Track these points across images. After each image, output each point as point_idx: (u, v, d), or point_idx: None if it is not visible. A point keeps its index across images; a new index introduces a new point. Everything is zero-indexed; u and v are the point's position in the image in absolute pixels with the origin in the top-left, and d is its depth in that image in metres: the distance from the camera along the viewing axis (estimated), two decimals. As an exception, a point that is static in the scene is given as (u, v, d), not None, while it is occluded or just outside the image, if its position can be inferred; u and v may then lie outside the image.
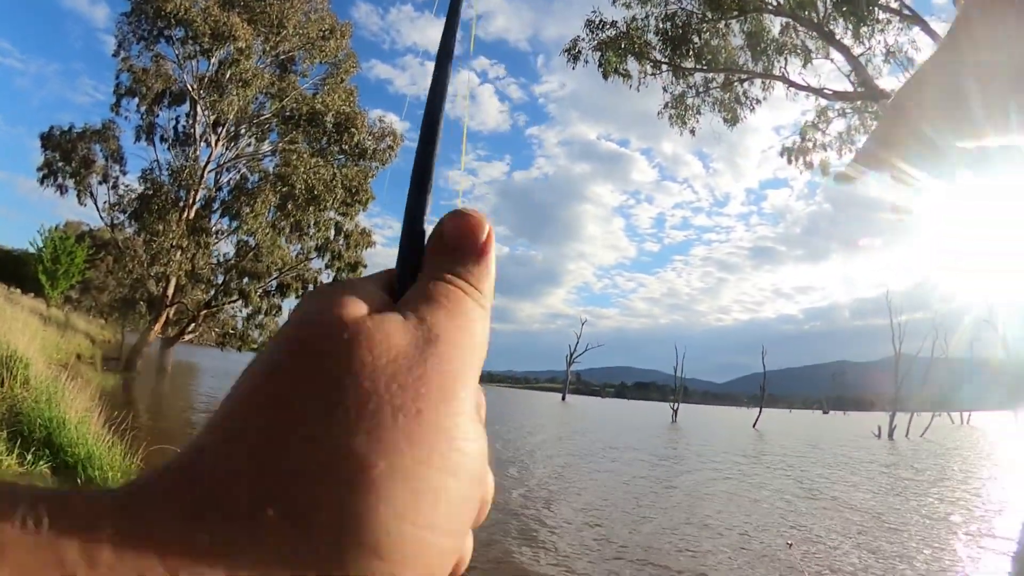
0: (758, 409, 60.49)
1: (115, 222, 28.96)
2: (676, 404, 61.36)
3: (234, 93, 27.04)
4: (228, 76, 26.98)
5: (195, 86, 28.20)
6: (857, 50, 15.12)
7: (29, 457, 6.66)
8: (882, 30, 15.08)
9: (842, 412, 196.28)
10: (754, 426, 52.96)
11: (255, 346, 32.34)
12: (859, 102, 15.99)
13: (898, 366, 55.50)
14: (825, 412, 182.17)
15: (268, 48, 28.49)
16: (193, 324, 30.29)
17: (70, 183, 28.17)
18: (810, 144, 17.70)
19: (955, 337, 57.05)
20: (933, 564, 9.44)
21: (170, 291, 27.96)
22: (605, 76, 16.61)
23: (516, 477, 14.61)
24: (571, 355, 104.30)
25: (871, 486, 18.06)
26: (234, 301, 29.65)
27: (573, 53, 16.89)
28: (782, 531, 10.58)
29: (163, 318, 28.10)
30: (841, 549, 9.93)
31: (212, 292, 29.61)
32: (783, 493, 15.45)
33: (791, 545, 4.44)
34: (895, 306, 55.29)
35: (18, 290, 37.69)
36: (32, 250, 35.90)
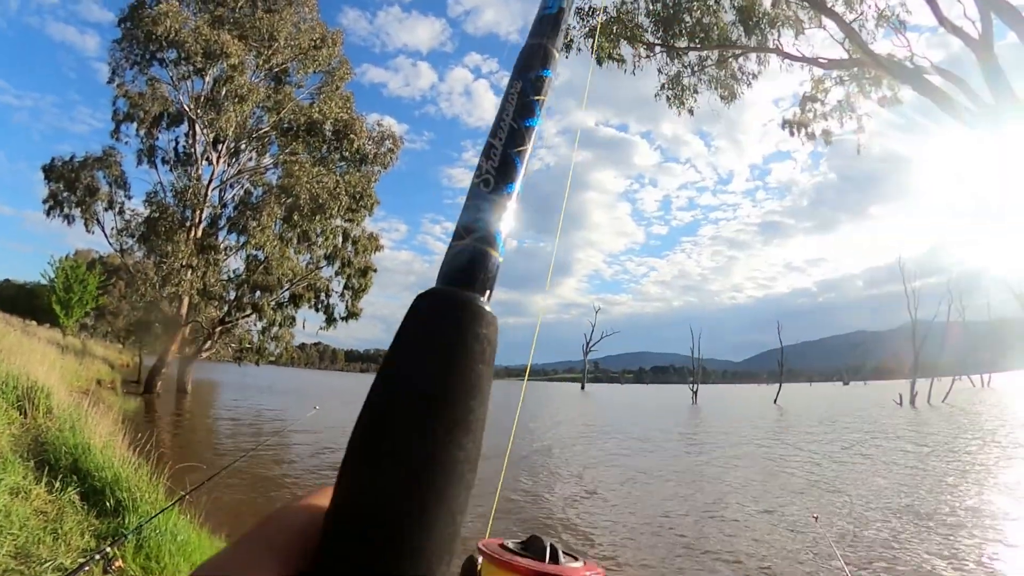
0: (778, 385, 60.31)
1: (124, 247, 29.13)
2: (695, 386, 61.23)
3: (231, 110, 27.13)
4: (224, 93, 27.04)
5: (192, 106, 28.32)
6: (849, 16, 15.00)
7: (57, 485, 6.70)
8: (873, -6, 14.95)
9: (862, 382, 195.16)
10: (775, 402, 52.80)
11: (272, 359, 32.55)
12: (855, 69, 15.89)
13: (915, 333, 55.19)
14: (845, 383, 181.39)
15: (261, 62, 28.57)
16: (209, 341, 30.40)
17: (76, 212, 28.32)
18: (810, 115, 17.61)
19: (971, 300, 56.73)
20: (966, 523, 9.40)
21: (184, 311, 28.11)
22: (599, 62, 16.52)
23: (548, 469, 14.63)
24: (587, 344, 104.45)
25: (897, 455, 17.97)
26: (248, 316, 29.71)
27: (565, 41, 16.77)
28: (808, 505, 10.56)
29: (179, 338, 28.25)
30: (869, 519, 9.89)
31: (225, 308, 29.68)
32: (807, 466, 15.41)
33: (816, 519, 4.43)
34: (908, 272, 55.02)
35: (34, 322, 37.98)
36: (44, 282, 36.18)
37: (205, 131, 28.53)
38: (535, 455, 16.86)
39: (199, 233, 27.69)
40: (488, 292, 0.32)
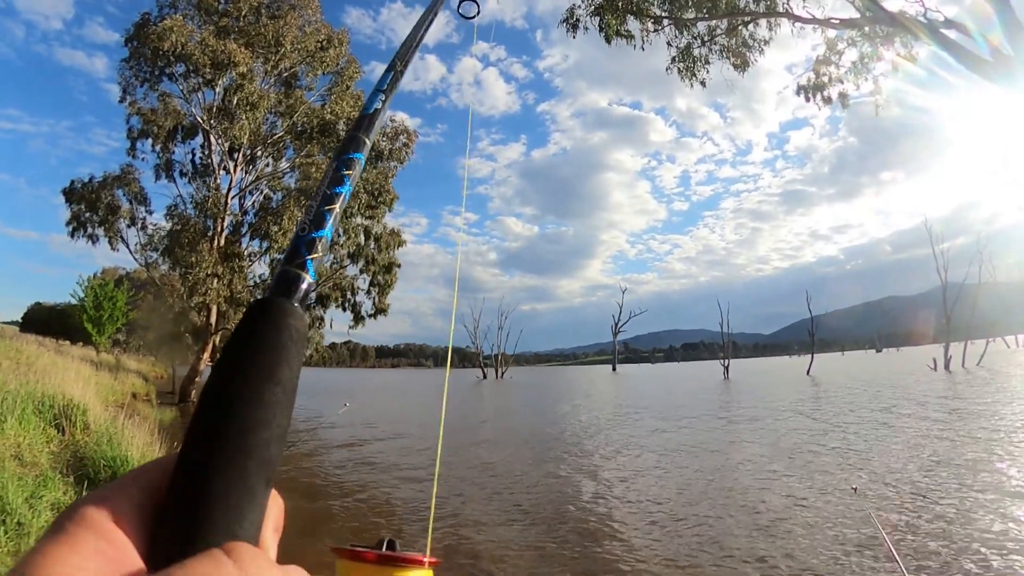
0: (810, 356, 59.74)
1: (149, 261, 29.58)
2: (726, 361, 60.85)
3: (244, 118, 27.34)
4: (235, 102, 27.24)
5: (205, 117, 28.56)
6: (860, -28, 14.74)
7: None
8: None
9: (895, 349, 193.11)
10: (808, 373, 52.33)
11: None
12: (868, 28, 15.61)
13: (945, 295, 54.33)
14: (878, 351, 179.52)
15: (270, 68, 28.72)
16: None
17: (100, 231, 28.82)
18: (825, 78, 17.31)
19: (1002, 260, 55.73)
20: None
21: (212, 319, 28.46)
22: (607, 40, 16.42)
23: (584, 453, 14.64)
24: (616, 325, 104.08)
25: (934, 420, 17.78)
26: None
27: (571, 22, 16.72)
28: (849, 476, 10.47)
29: (210, 346, 28.60)
30: (910, 484, 9.81)
31: (254, 314, 29.92)
32: (844, 438, 15.29)
33: (855, 489, 4.40)
34: (936, 234, 54.14)
35: (67, 342, 38.68)
36: (74, 301, 36.72)
37: (220, 141, 28.78)
38: (566, 439, 16.87)
39: (222, 242, 27.97)
40: (300, 299, 0.44)
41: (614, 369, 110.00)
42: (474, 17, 1.39)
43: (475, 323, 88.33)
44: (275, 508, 0.38)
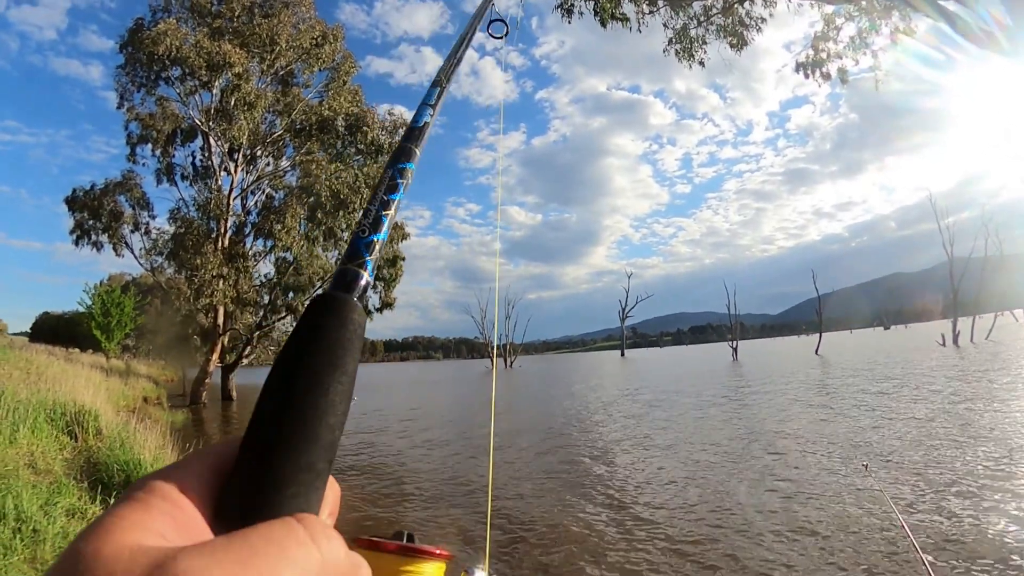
0: (818, 335, 59.59)
1: (154, 266, 29.71)
2: (735, 343, 60.76)
3: (242, 118, 27.36)
4: (233, 103, 27.27)
5: (203, 119, 28.60)
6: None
7: (112, 502, 6.86)
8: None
9: (903, 326, 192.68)
10: (816, 352, 52.21)
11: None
12: (865, 2, 15.46)
13: (952, 270, 54.14)
14: (886, 328, 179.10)
15: (265, 67, 28.72)
16: (248, 347, 30.87)
17: (104, 238, 28.92)
18: (824, 55, 17.15)
19: (1008, 233, 55.39)
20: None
21: (220, 320, 28.55)
22: (603, 24, 16.28)
23: (597, 441, 14.65)
24: (623, 310, 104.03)
25: (943, 395, 17.75)
26: (283, 317, 30.12)
27: (566, 7, 16.59)
28: (859, 454, 10.46)
29: (218, 347, 28.72)
30: (920, 463, 9.79)
31: (261, 313, 30.12)
32: (855, 415, 15.27)
33: (867, 466, 4.44)
34: (941, 209, 53.83)
35: (76, 349, 38.85)
36: (82, 309, 36.94)
37: (220, 142, 28.83)
38: (573, 428, 16.88)
39: (226, 243, 28.03)
40: (360, 295, 0.47)
41: (622, 354, 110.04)
42: (503, 37, 1.41)
43: (482, 313, 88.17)
44: (331, 493, 0.40)
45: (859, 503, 7.58)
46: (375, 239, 0.52)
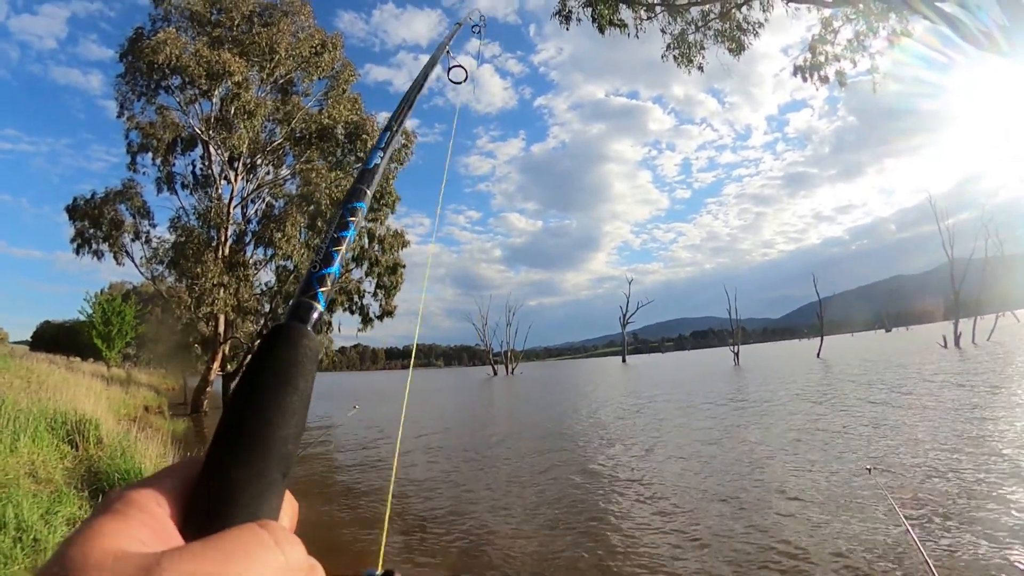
0: (819, 339, 59.52)
1: (155, 274, 29.68)
2: (736, 347, 60.71)
3: (242, 126, 27.38)
4: (232, 111, 27.29)
5: (203, 128, 28.58)
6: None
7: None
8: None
9: (904, 328, 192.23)
10: (818, 356, 52.16)
11: (314, 364, 32.94)
12: (863, 5, 15.50)
13: (953, 272, 54.07)
14: (888, 331, 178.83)
15: (265, 76, 28.72)
16: (249, 355, 30.74)
17: (104, 247, 28.88)
18: (822, 58, 17.19)
19: (1008, 233, 55.37)
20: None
21: (221, 328, 28.52)
22: (601, 30, 16.34)
23: (604, 453, 14.64)
24: (624, 316, 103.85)
25: (945, 396, 17.73)
26: (283, 327, 29.96)
27: (564, 14, 16.66)
28: (863, 457, 10.45)
29: (219, 356, 28.68)
30: (922, 465, 9.78)
31: (262, 321, 30.03)
32: (858, 418, 15.27)
33: (870, 470, 4.45)
34: (940, 210, 53.82)
35: (78, 358, 38.82)
36: (83, 318, 36.91)
37: (220, 151, 28.82)
38: (585, 434, 16.87)
39: (227, 251, 28.01)
40: (313, 324, 0.52)
41: (624, 360, 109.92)
42: (462, 83, 1.48)
43: (483, 320, 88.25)
44: (290, 508, 0.43)
45: (863, 506, 7.57)
46: (326, 273, 0.57)
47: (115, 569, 0.29)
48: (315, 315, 0.53)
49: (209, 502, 0.38)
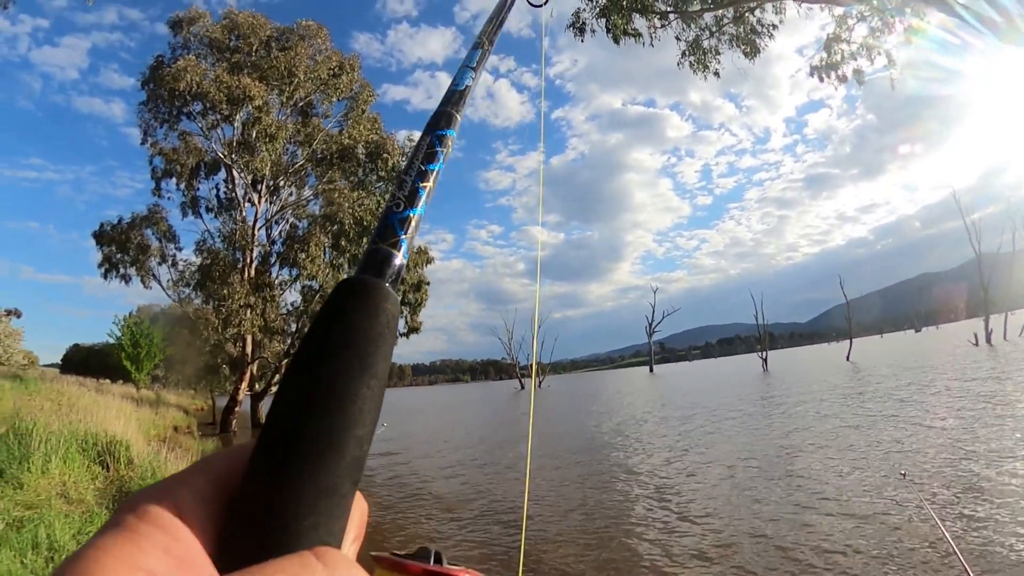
0: (848, 341, 58.71)
1: (182, 296, 30.21)
2: (764, 353, 60.04)
3: (264, 149, 27.79)
4: (254, 135, 27.73)
5: (226, 152, 29.07)
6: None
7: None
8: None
9: (934, 327, 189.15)
10: (847, 359, 51.41)
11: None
12: (876, 1, 15.38)
13: (980, 268, 53.19)
14: (917, 330, 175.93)
15: (285, 99, 29.15)
16: (277, 375, 31.07)
17: (131, 271, 29.48)
18: (838, 57, 17.06)
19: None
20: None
21: (248, 349, 28.86)
22: (616, 41, 16.38)
23: (635, 466, 14.57)
24: (650, 325, 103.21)
25: (973, 398, 17.42)
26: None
27: (578, 26, 16.73)
28: (896, 463, 10.27)
29: (247, 376, 28.96)
30: (958, 469, 9.61)
31: (289, 341, 30.39)
32: (891, 422, 15.04)
33: (904, 475, 4.36)
34: (965, 205, 53.00)
35: (107, 380, 39.37)
36: (112, 341, 37.41)
37: (243, 174, 29.27)
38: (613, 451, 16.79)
39: (252, 272, 28.37)
40: (392, 279, 0.41)
41: (651, 370, 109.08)
42: (542, 6, 1.35)
43: (509, 334, 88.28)
44: (358, 513, 0.34)
45: (899, 511, 7.45)
46: (411, 214, 0.45)
47: None
48: (396, 266, 0.42)
49: (258, 522, 0.29)
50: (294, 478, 0.30)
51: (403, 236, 0.43)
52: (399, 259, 0.42)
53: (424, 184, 0.48)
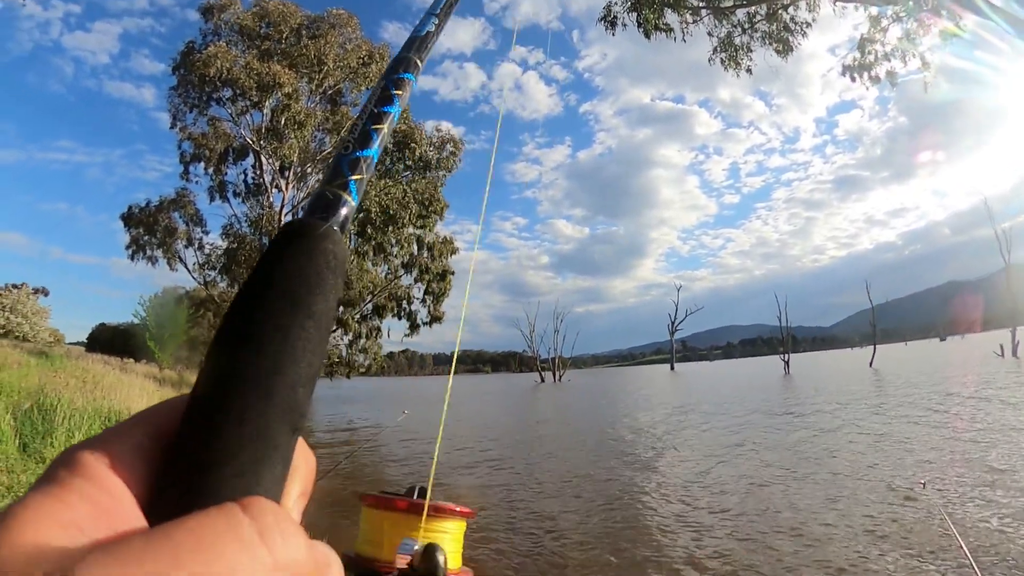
0: (872, 348, 58.04)
1: (207, 279, 30.68)
2: (786, 356, 59.55)
3: (292, 137, 27.98)
4: (283, 122, 27.91)
5: (254, 138, 29.28)
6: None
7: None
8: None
9: (959, 336, 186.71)
10: (870, 365, 50.90)
11: (362, 370, 33.43)
12: (911, 2, 15.21)
13: (1010, 277, 52.39)
14: (942, 339, 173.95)
15: (314, 87, 29.33)
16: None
17: (158, 253, 29.93)
18: (871, 57, 16.89)
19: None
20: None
21: (271, 332, 29.10)
22: (647, 35, 16.35)
23: (656, 466, 14.58)
24: (672, 323, 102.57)
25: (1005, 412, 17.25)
26: (334, 331, 30.65)
27: (609, 20, 16.71)
28: (916, 472, 10.21)
29: (268, 359, 29.22)
30: (980, 481, 9.56)
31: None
32: (909, 432, 14.95)
33: (924, 485, 4.34)
34: (996, 213, 52.20)
35: (131, 360, 39.99)
36: (137, 321, 38.02)
37: (271, 160, 29.48)
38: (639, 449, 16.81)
39: (278, 257, 28.59)
40: (340, 223, 0.38)
41: (672, 368, 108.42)
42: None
43: (531, 327, 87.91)
44: (304, 466, 0.32)
45: (917, 520, 7.43)
46: (361, 156, 0.43)
47: (22, 572, 0.20)
48: (344, 211, 0.39)
49: (186, 469, 0.28)
50: (220, 421, 0.28)
51: (351, 178, 0.40)
52: (348, 202, 0.39)
53: (377, 127, 0.45)
